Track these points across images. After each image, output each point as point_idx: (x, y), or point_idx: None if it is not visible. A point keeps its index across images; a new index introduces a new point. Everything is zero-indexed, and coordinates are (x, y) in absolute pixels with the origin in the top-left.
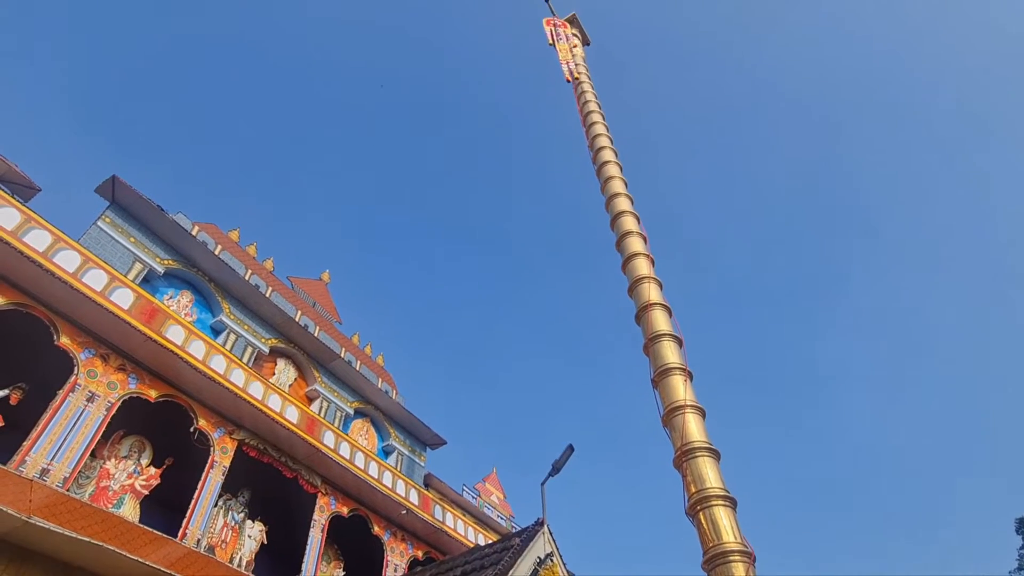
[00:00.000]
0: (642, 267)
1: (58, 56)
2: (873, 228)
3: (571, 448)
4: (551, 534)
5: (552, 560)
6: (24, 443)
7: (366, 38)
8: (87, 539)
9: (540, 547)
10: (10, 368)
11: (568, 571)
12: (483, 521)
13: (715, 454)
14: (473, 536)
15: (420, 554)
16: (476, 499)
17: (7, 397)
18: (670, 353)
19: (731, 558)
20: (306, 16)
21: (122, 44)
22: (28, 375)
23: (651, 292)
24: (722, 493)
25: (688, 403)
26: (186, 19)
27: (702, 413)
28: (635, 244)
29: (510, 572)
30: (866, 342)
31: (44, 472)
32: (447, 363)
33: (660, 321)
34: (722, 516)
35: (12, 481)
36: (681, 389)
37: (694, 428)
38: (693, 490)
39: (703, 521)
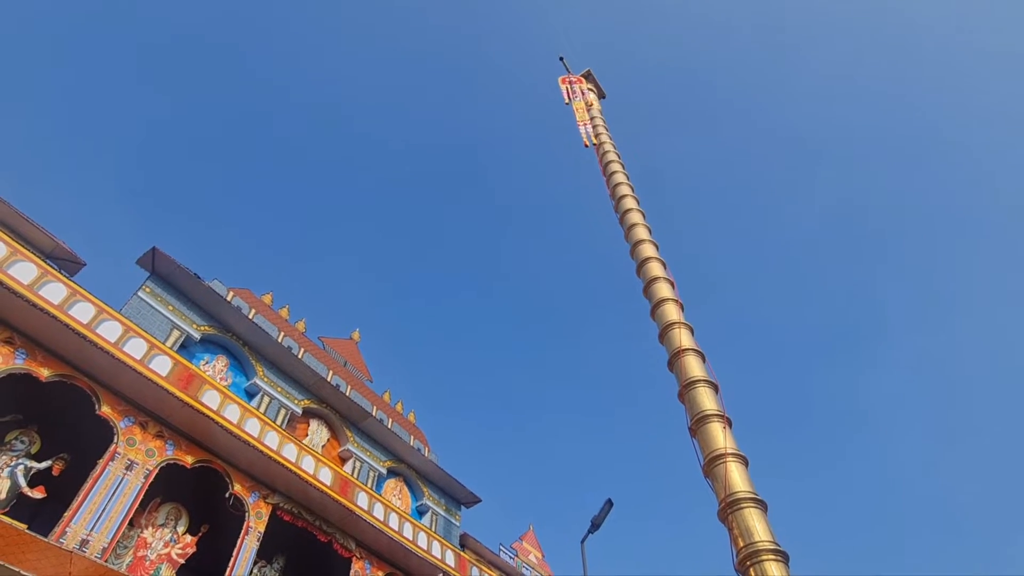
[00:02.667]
0: (671, 312)
1: (97, 130)
2: (915, 263)
3: (610, 503)
4: None
5: None
6: (65, 514)
7: (384, 102)
8: None
9: None
10: (53, 439)
11: None
12: None
13: (762, 505)
14: None
15: None
16: (514, 559)
17: (50, 468)
18: (706, 400)
19: None
20: (323, 77)
21: (146, 109)
22: (69, 445)
23: (682, 337)
24: (772, 547)
25: (729, 451)
26: (202, 79)
27: (745, 461)
28: (663, 290)
29: None
30: (913, 383)
31: (84, 543)
32: (479, 419)
33: (694, 367)
34: (774, 572)
35: (53, 553)
36: (720, 437)
37: (737, 478)
38: (741, 544)
39: None
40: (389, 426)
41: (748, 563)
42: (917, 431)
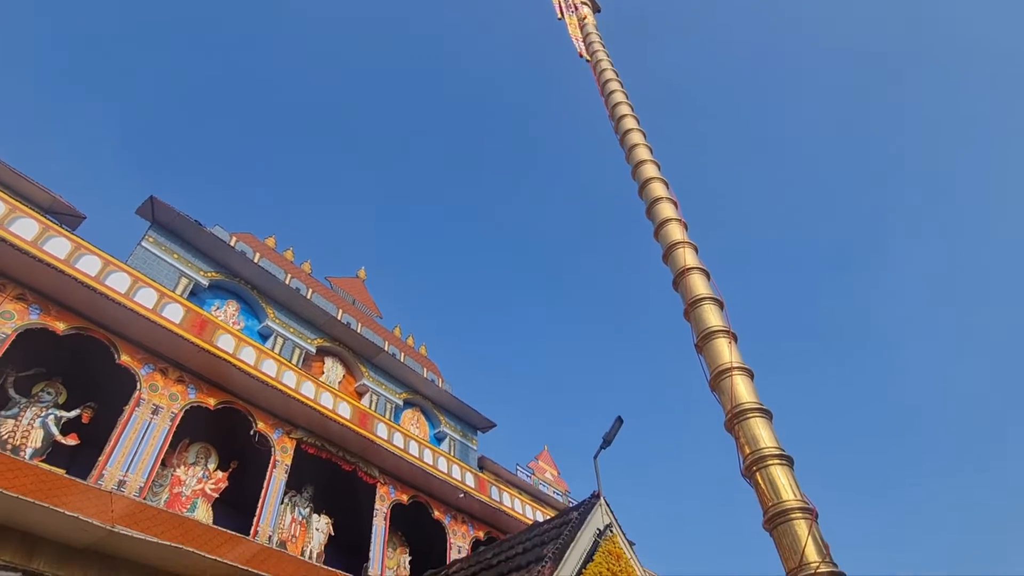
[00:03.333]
0: (675, 232)
1: (83, 81)
2: (921, 174)
3: (620, 420)
4: (608, 506)
5: (611, 531)
6: (100, 458)
7: (379, 36)
8: (168, 543)
9: (598, 519)
10: (79, 388)
11: (628, 540)
12: (539, 498)
13: (767, 414)
14: (531, 513)
15: (481, 534)
16: (530, 477)
17: (79, 416)
18: (712, 317)
19: (792, 516)
20: (322, 15)
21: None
22: (95, 394)
23: (686, 256)
24: (777, 452)
25: (735, 365)
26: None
27: (750, 374)
28: (666, 210)
29: (570, 545)
30: (920, 293)
31: (121, 484)
32: (490, 348)
33: (699, 285)
34: (779, 475)
35: (94, 495)
36: (726, 352)
37: (743, 390)
38: (747, 451)
39: (760, 481)
40: (402, 360)
41: (754, 468)
42: (924, 340)
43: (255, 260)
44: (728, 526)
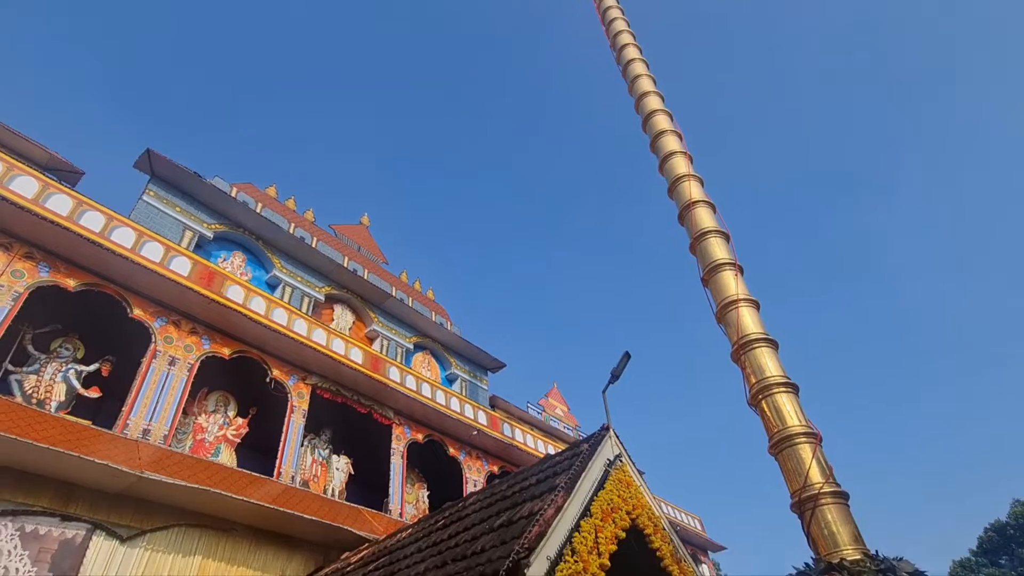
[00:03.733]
0: (680, 166)
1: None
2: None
3: (627, 355)
4: (617, 438)
5: (621, 461)
6: (123, 408)
7: None
8: (195, 486)
9: (608, 450)
10: (96, 343)
11: (639, 470)
12: (551, 433)
13: (773, 344)
14: (543, 448)
15: (496, 469)
16: (541, 414)
17: (99, 370)
18: (718, 249)
19: (796, 440)
20: None
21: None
22: (113, 348)
23: (692, 190)
24: (783, 380)
25: (741, 297)
26: None
27: (756, 305)
28: (670, 143)
29: (582, 475)
30: (921, 220)
31: (145, 432)
32: (496, 289)
33: (704, 218)
34: (785, 402)
35: (121, 443)
36: (732, 284)
37: (749, 321)
38: (753, 381)
39: (766, 409)
40: (410, 304)
41: (760, 396)
42: (924, 265)
43: (257, 210)
44: (738, 453)
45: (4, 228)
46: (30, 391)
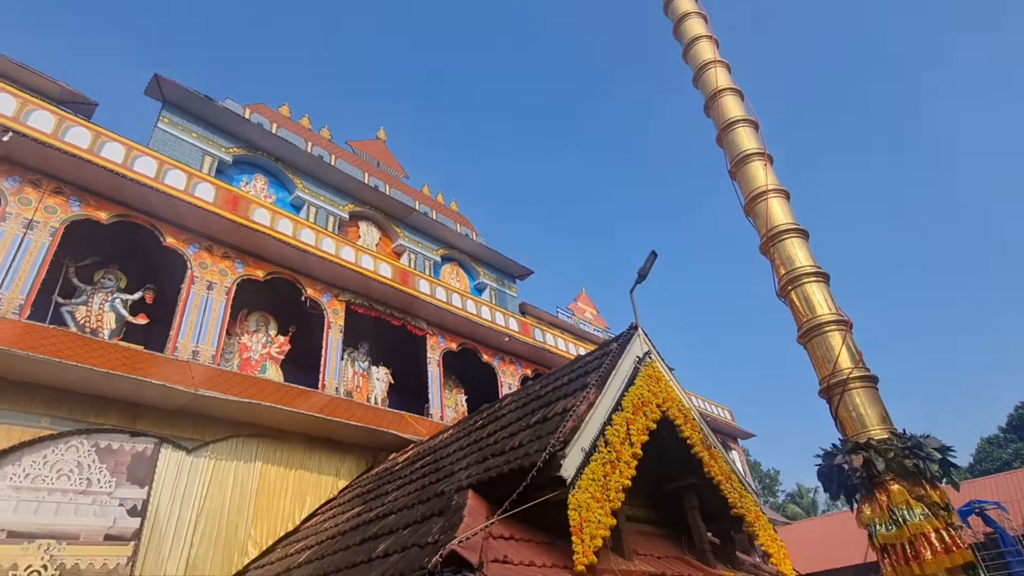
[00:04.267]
0: (705, 52)
1: None
2: None
3: (654, 254)
4: (646, 335)
5: (650, 357)
6: (170, 333)
7: None
8: (247, 400)
9: (637, 348)
10: (137, 273)
11: (668, 366)
12: (581, 336)
13: (803, 233)
14: (574, 350)
15: (529, 372)
16: (571, 318)
17: (143, 298)
18: (746, 140)
19: (826, 328)
20: None
21: None
22: (153, 276)
23: (718, 78)
24: (813, 270)
25: (770, 187)
26: None
27: (785, 195)
28: (695, 27)
29: (612, 372)
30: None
31: (195, 354)
32: (519, 196)
33: (732, 108)
34: (815, 291)
35: (173, 365)
36: (761, 175)
37: (779, 211)
38: (783, 272)
39: (795, 299)
40: (434, 217)
41: (789, 287)
42: (974, 149)
43: (272, 131)
44: (766, 343)
45: (28, 164)
46: (82, 321)
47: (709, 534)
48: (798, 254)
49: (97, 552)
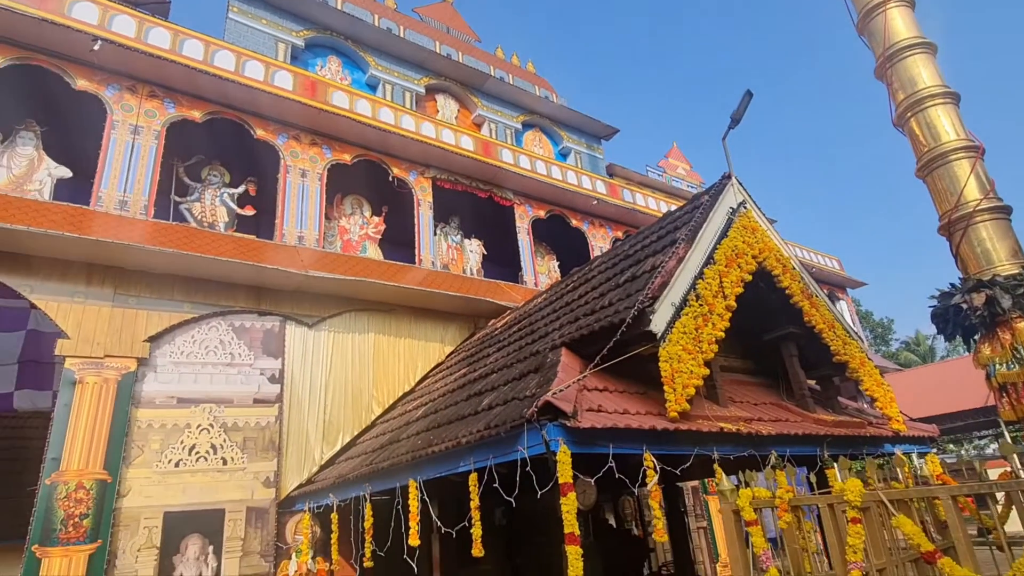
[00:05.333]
0: None
1: None
2: None
3: (749, 94)
4: (741, 185)
5: (745, 207)
6: (276, 221)
7: None
8: (352, 278)
9: (730, 199)
10: (238, 167)
11: (767, 217)
12: (673, 194)
13: (928, 48)
14: (666, 208)
15: (620, 234)
16: (662, 175)
17: (246, 191)
18: None
19: (951, 157)
20: None
21: None
22: (253, 169)
23: None
24: (940, 91)
25: None
26: None
27: (909, 3)
28: None
29: (703, 226)
30: None
31: (300, 239)
32: (596, 49)
33: None
34: (939, 116)
35: (283, 250)
36: None
37: (900, 25)
38: (901, 97)
39: (916, 127)
40: (511, 82)
41: (908, 114)
42: None
43: (339, 7)
44: (874, 192)
45: (119, 71)
46: (199, 216)
47: (811, 381)
48: (921, 74)
49: (249, 413)
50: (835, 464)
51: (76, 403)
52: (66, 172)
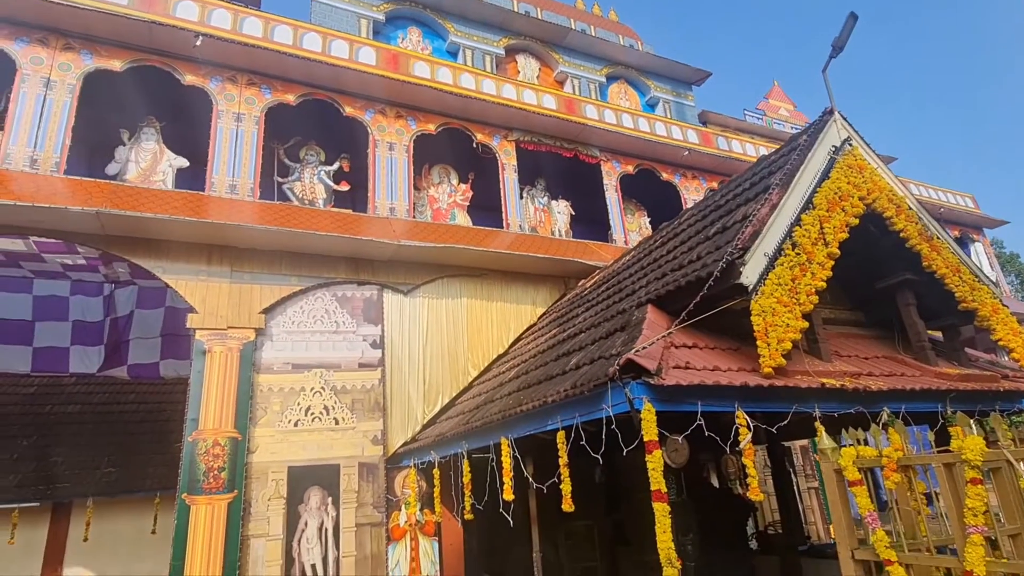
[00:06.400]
0: None
1: None
2: None
3: (853, 16)
4: (846, 120)
5: (850, 145)
6: (368, 195)
7: None
8: (443, 245)
9: (833, 136)
10: (331, 145)
11: (876, 154)
12: (774, 138)
13: None
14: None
15: (715, 184)
16: (762, 119)
17: (340, 168)
18: None
19: None
20: None
21: None
22: (345, 146)
23: None
24: None
25: None
26: None
27: None
28: None
29: (800, 169)
30: None
31: (392, 210)
32: None
33: None
34: None
35: (376, 222)
36: None
37: None
38: None
39: None
40: (593, 33)
41: None
42: None
43: None
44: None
45: (221, 62)
46: (300, 194)
47: (935, 333)
48: None
49: (356, 376)
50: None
51: (207, 370)
52: (184, 162)
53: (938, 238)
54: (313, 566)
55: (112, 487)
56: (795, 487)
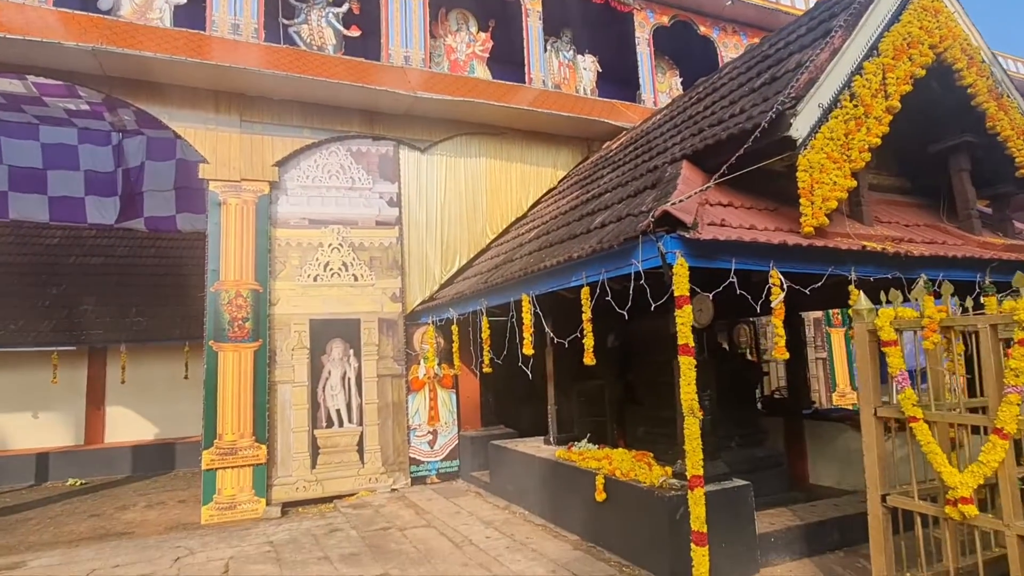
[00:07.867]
0: None
1: None
2: None
3: None
4: None
5: None
6: (381, 41)
7: None
8: (461, 99)
9: None
10: None
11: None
12: None
13: None
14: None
15: (758, 41)
16: None
17: (350, 9)
18: None
19: None
20: None
21: None
22: None
23: None
24: None
25: None
26: None
27: None
28: None
29: (868, 8)
30: None
31: (407, 59)
32: None
33: None
34: None
35: (390, 71)
36: None
37: None
38: None
39: None
40: None
41: None
42: None
43: None
44: None
45: None
46: (308, 38)
47: (983, 203)
48: None
49: (373, 234)
50: (996, 292)
51: (224, 222)
52: None
53: (1007, 96)
54: (338, 411)
55: (141, 335)
56: (804, 357)
